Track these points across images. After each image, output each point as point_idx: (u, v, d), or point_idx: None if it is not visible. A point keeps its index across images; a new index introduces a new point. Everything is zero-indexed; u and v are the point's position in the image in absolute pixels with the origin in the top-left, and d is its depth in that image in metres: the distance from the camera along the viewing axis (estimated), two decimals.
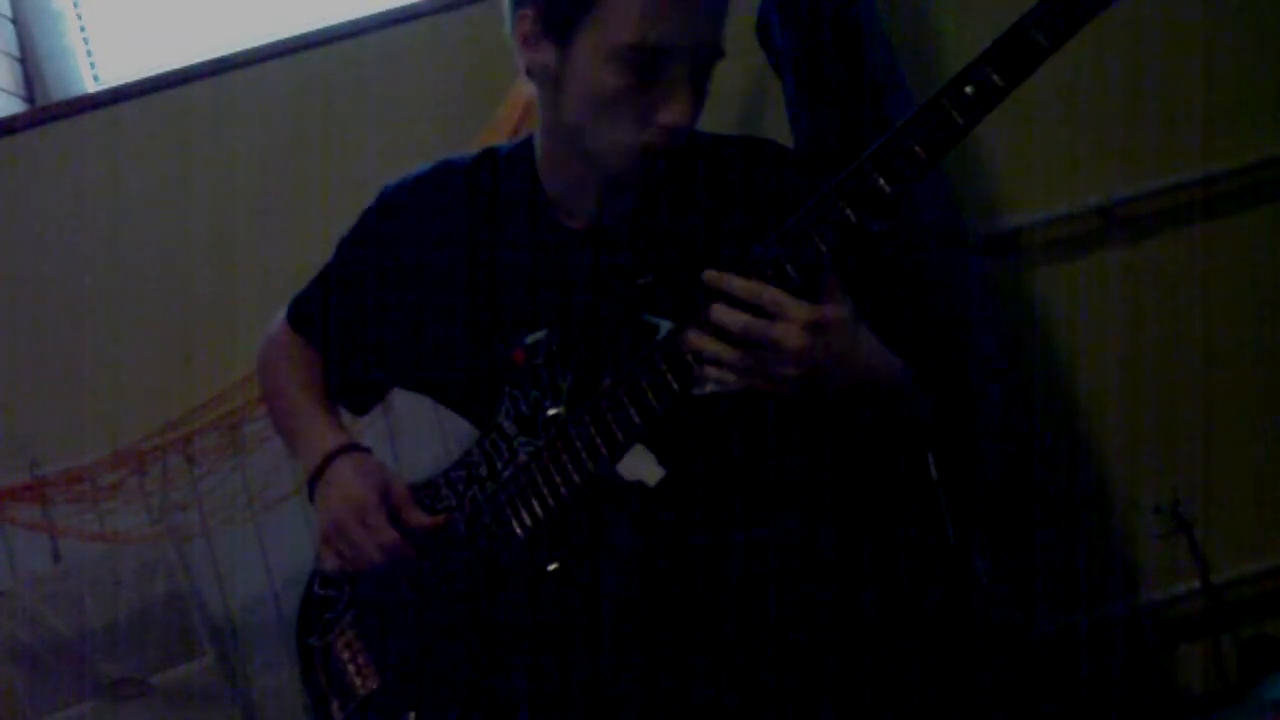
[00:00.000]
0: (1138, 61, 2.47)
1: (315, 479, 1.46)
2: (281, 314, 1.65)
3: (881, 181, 1.16)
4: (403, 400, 1.67)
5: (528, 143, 1.46)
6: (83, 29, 2.80)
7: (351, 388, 1.62)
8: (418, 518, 1.41)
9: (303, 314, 1.62)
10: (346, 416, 1.66)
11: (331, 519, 1.41)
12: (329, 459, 1.45)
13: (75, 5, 2.79)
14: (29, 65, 2.77)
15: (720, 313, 1.19)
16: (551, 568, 1.37)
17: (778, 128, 2.40)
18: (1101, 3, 1.10)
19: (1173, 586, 2.55)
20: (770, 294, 1.18)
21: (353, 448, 1.47)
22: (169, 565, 2.44)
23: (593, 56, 1.28)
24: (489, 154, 1.52)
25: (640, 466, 1.33)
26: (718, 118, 1.55)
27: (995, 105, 1.13)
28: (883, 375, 1.28)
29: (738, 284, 1.19)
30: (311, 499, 1.47)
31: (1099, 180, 2.53)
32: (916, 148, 1.14)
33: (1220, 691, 2.48)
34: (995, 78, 1.11)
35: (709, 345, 1.20)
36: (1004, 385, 2.44)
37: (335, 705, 1.52)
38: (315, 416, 1.53)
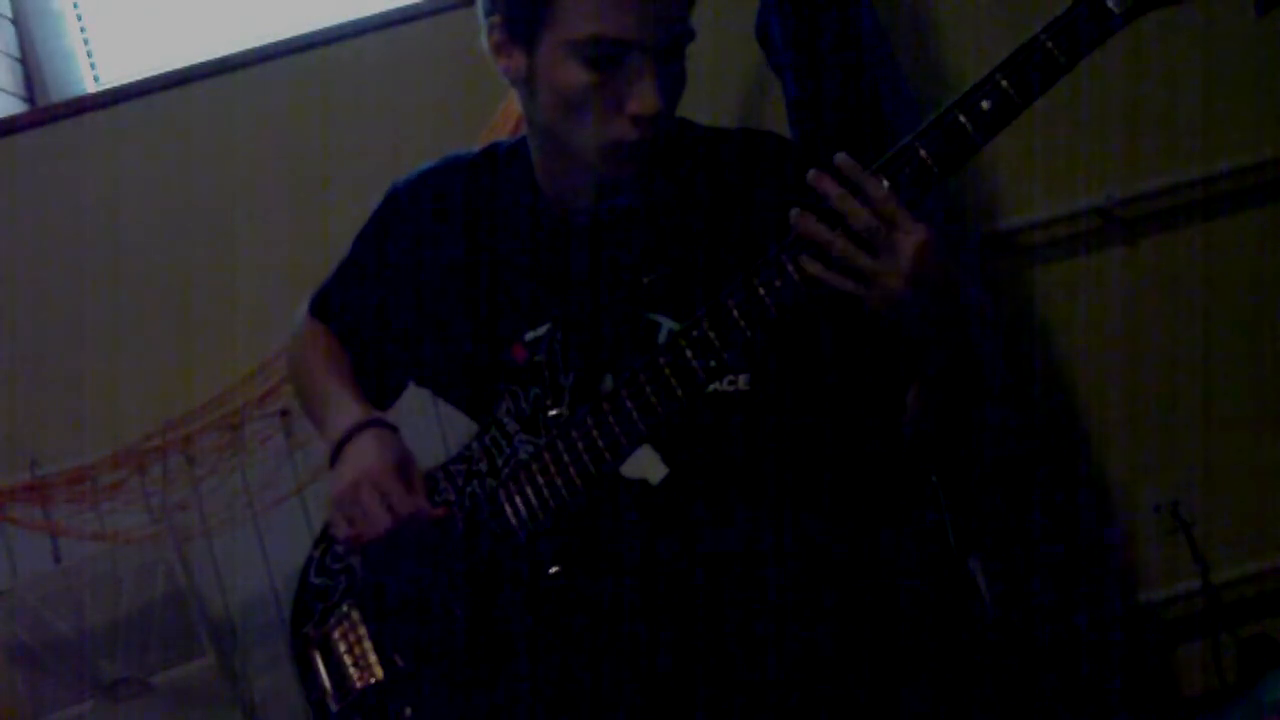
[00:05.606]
0: (1138, 62, 2.47)
1: (338, 452, 1.45)
2: (304, 308, 1.65)
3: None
4: (402, 396, 1.68)
5: (525, 140, 1.47)
6: (83, 29, 2.80)
7: (370, 381, 1.62)
8: (425, 504, 1.41)
9: (323, 304, 1.62)
10: None
11: (346, 482, 1.39)
12: (356, 430, 1.44)
13: (75, 5, 2.80)
14: (29, 65, 2.78)
15: (848, 204, 1.15)
16: (553, 570, 1.37)
17: (778, 128, 2.40)
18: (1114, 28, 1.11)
19: (1173, 586, 2.55)
20: (893, 203, 1.15)
21: (379, 423, 1.46)
22: (169, 565, 2.44)
23: (556, 55, 1.29)
24: (491, 149, 1.52)
25: (644, 464, 1.33)
26: (718, 118, 1.56)
27: (1010, 121, 1.14)
28: (973, 316, 1.23)
29: (871, 185, 1.15)
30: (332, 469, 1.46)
31: (1099, 180, 2.53)
32: (928, 159, 1.15)
33: (1220, 691, 2.48)
34: (1011, 92, 1.12)
35: (833, 237, 1.15)
36: (1003, 386, 2.44)
37: (331, 696, 1.51)
38: (343, 397, 1.52)
